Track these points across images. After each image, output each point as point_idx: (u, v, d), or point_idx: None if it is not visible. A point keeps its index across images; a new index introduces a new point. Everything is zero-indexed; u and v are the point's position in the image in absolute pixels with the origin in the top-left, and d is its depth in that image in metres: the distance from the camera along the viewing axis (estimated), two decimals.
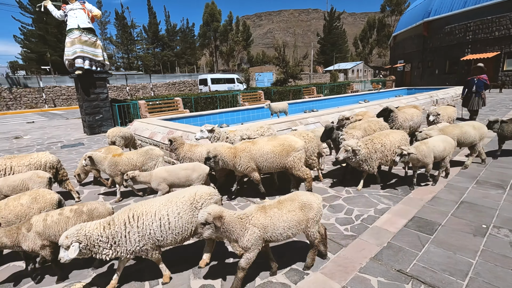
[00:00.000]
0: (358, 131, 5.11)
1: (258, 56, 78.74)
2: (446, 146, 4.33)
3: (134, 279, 2.62)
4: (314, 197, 2.58)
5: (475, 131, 5.04)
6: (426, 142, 4.30)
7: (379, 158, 4.31)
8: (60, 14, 9.62)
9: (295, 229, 2.44)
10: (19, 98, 22.47)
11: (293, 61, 27.01)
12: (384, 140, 4.38)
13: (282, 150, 3.95)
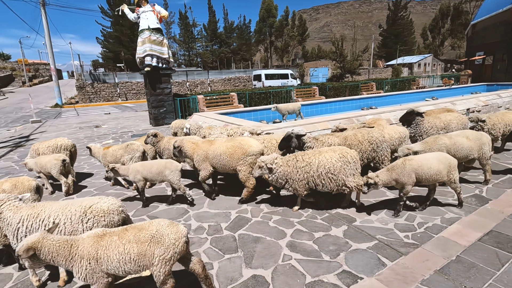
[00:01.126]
0: (336, 139, 4.27)
1: (313, 51, 76.73)
2: (442, 168, 3.39)
3: None
4: (170, 229, 2.08)
5: (470, 142, 4.10)
6: (408, 159, 3.47)
7: (304, 179, 3.57)
8: (134, 16, 10.68)
9: (132, 265, 2.01)
10: (99, 92, 25.71)
11: (351, 56, 25.64)
12: (312, 159, 3.58)
13: (234, 152, 3.93)
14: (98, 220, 2.41)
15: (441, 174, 3.40)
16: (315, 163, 3.55)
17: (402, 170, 3.36)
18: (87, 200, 2.56)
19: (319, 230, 3.25)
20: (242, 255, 2.86)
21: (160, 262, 2.02)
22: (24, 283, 2.63)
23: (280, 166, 3.58)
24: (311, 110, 11.40)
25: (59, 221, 2.36)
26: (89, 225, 2.39)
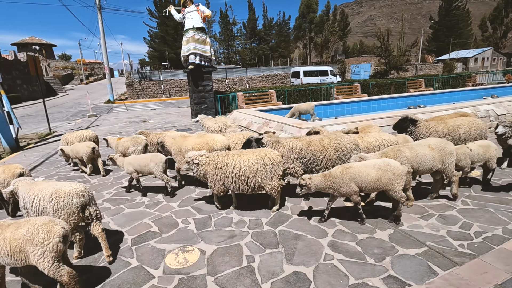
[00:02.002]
0: (299, 143, 4.05)
1: (355, 46, 73.54)
2: (382, 176, 3.10)
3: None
4: (42, 228, 2.13)
5: (433, 152, 3.54)
6: (346, 167, 3.23)
7: (220, 179, 3.58)
8: (180, 17, 11.19)
9: (10, 259, 2.12)
10: (145, 89, 27.44)
11: (398, 51, 24.08)
12: (229, 161, 3.54)
13: (201, 147, 4.42)
14: (58, 201, 2.70)
15: (381, 182, 3.13)
16: (232, 164, 3.54)
17: (340, 179, 3.17)
18: (60, 183, 2.90)
19: (362, 232, 3.15)
20: (283, 251, 2.88)
21: (36, 259, 2.13)
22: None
23: (203, 164, 3.66)
24: (352, 108, 11.00)
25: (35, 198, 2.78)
26: (52, 205, 2.70)
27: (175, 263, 2.77)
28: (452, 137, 4.66)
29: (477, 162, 3.97)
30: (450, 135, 4.66)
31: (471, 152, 3.92)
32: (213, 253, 2.91)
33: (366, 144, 4.26)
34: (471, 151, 3.93)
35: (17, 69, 29.30)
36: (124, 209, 4.04)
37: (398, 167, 3.17)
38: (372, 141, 4.31)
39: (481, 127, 4.70)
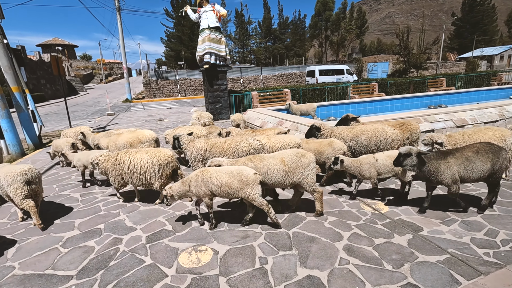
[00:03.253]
0: (204, 144, 4.28)
1: (372, 45, 71.83)
2: (233, 183, 3.10)
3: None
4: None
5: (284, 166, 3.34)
6: (203, 170, 3.30)
7: (119, 174, 3.94)
8: (196, 16, 11.27)
9: None
10: (162, 88, 27.93)
11: (418, 48, 23.28)
12: (126, 159, 3.91)
13: (132, 142, 5.17)
14: (7, 179, 3.45)
15: (232, 189, 3.12)
16: (128, 162, 3.89)
17: (194, 182, 3.25)
18: (14, 166, 3.64)
19: (379, 236, 3.05)
20: (296, 254, 2.83)
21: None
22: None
23: (103, 163, 4.01)
24: (369, 108, 10.73)
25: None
26: (5, 182, 3.46)
27: (188, 262, 2.77)
28: (356, 142, 4.60)
29: (384, 173, 3.75)
30: (354, 140, 4.61)
31: (377, 163, 3.73)
32: (226, 253, 2.90)
33: (270, 145, 4.36)
34: (377, 162, 3.73)
35: (41, 69, 30.56)
36: (139, 206, 4.10)
37: (248, 176, 3.11)
38: (275, 143, 4.36)
39: (389, 135, 4.45)
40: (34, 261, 2.93)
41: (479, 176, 3.19)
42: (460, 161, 3.18)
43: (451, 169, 3.15)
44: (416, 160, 3.20)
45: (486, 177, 3.24)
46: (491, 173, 3.19)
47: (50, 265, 2.84)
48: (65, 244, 3.20)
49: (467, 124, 6.34)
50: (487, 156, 3.16)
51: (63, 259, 2.93)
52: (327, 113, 10.10)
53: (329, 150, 4.30)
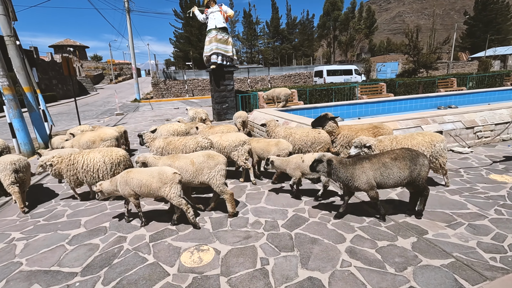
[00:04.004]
0: (161, 143, 4.59)
1: (382, 44, 70.98)
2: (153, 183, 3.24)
3: None
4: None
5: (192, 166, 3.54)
6: (129, 171, 3.45)
7: (74, 174, 4.12)
8: (203, 17, 11.34)
9: None
10: (170, 88, 28.20)
11: (428, 48, 22.87)
12: (79, 159, 4.11)
13: (95, 140, 5.51)
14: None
15: (152, 188, 3.26)
16: (81, 161, 4.09)
17: (119, 182, 3.38)
18: (7, 156, 4.17)
19: (383, 239, 3.01)
20: (298, 255, 2.82)
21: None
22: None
23: (56, 164, 4.12)
24: (377, 109, 10.61)
25: None
26: None
27: (190, 262, 2.79)
28: (287, 140, 4.91)
29: (309, 174, 3.81)
30: (286, 138, 4.99)
31: (302, 163, 3.83)
32: (228, 253, 2.91)
33: (219, 144, 4.73)
34: (303, 162, 3.83)
35: (53, 69, 31.23)
36: (144, 205, 4.15)
37: (167, 175, 3.23)
38: (224, 141, 4.72)
39: (310, 138, 4.75)
40: (40, 257, 2.99)
41: (396, 182, 3.18)
42: (377, 166, 3.17)
43: (367, 174, 3.15)
44: (327, 166, 3.25)
45: (405, 184, 3.24)
46: (410, 180, 3.18)
47: (56, 262, 2.90)
48: (71, 242, 3.27)
49: (477, 125, 6.20)
50: (405, 163, 3.14)
51: (68, 256, 2.99)
52: (334, 113, 10.01)
53: (275, 150, 4.54)
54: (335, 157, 3.31)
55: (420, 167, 3.14)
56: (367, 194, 3.30)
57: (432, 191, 4.07)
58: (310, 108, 10.02)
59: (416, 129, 5.72)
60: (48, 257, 2.99)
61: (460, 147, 5.96)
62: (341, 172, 3.22)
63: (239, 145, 4.69)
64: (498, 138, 6.43)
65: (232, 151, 4.69)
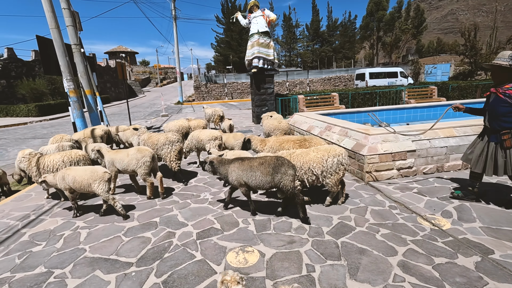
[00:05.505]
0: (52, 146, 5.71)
1: (431, 45, 66.16)
2: (83, 179, 3.80)
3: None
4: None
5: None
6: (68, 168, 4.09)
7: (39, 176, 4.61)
8: (246, 22, 11.59)
9: None
10: (210, 91, 29.22)
11: (488, 48, 20.77)
12: (42, 159, 4.65)
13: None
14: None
15: (82, 184, 3.77)
16: (43, 162, 4.52)
17: (59, 177, 3.90)
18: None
19: (440, 255, 2.78)
20: (345, 264, 2.72)
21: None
22: None
23: (26, 161, 4.58)
24: (427, 114, 9.88)
25: None
26: None
27: (236, 262, 2.85)
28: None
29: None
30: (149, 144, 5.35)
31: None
32: (272, 256, 2.91)
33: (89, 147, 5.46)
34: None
35: (107, 74, 34.21)
36: (190, 204, 4.33)
37: (97, 173, 3.79)
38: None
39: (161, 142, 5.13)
40: (101, 246, 3.27)
41: (259, 184, 3.49)
42: (245, 168, 3.53)
43: (236, 173, 3.58)
44: (211, 166, 3.78)
45: (269, 187, 3.52)
46: (274, 185, 3.44)
47: (114, 251, 3.15)
48: (126, 233, 3.53)
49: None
50: (268, 169, 3.39)
51: (124, 247, 3.22)
52: (379, 117, 9.54)
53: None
54: (216, 158, 3.82)
55: (281, 176, 3.36)
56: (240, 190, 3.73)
57: (497, 206, 3.68)
58: (353, 112, 9.66)
59: (474, 137, 5.20)
60: (107, 246, 3.26)
61: None
62: (220, 170, 3.75)
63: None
64: None
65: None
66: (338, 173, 3.74)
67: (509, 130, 3.30)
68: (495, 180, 4.53)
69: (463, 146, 5.09)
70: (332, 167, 3.69)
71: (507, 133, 3.30)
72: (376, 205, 3.95)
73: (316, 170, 3.72)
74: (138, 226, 3.70)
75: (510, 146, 3.30)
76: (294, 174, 3.42)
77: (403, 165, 4.88)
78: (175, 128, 7.22)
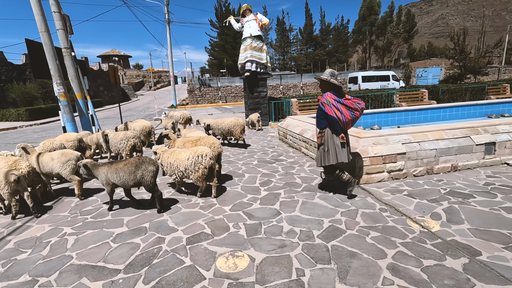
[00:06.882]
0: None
1: (422, 49, 67.34)
2: None
3: None
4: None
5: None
6: None
7: None
8: (239, 26, 11.64)
9: None
10: (204, 95, 29.17)
11: (476, 52, 21.19)
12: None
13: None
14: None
15: None
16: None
17: None
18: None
19: (429, 258, 2.79)
20: (335, 268, 2.71)
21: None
22: None
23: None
24: (418, 117, 10.00)
25: None
26: None
27: (225, 267, 2.82)
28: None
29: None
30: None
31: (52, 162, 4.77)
32: (263, 261, 2.89)
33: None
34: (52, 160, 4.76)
35: (100, 77, 33.92)
36: (181, 208, 4.29)
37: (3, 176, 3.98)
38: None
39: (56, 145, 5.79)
40: (89, 252, 3.21)
41: (125, 182, 4.00)
42: (111, 170, 4.02)
43: (105, 174, 4.06)
44: (85, 169, 4.18)
45: (134, 184, 4.03)
46: (137, 182, 3.98)
47: (102, 258, 3.09)
48: (115, 240, 3.47)
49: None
50: (131, 168, 3.94)
51: (113, 253, 3.17)
52: (370, 121, 9.63)
53: None
54: (90, 161, 4.21)
55: (142, 172, 3.93)
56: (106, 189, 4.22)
57: (485, 207, 3.73)
58: None
59: (464, 140, 5.29)
60: (95, 253, 3.20)
61: None
62: (94, 172, 4.17)
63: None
64: None
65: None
66: (198, 172, 4.28)
67: (321, 131, 4.22)
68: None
69: (452, 148, 5.16)
70: (191, 165, 4.27)
71: (320, 132, 4.26)
72: (367, 208, 3.97)
73: (180, 167, 4.34)
74: (128, 232, 3.64)
75: (320, 143, 4.25)
76: (154, 170, 4.00)
77: (394, 167, 4.92)
78: (139, 128, 8.21)
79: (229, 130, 7.97)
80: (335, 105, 3.98)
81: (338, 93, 4.10)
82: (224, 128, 7.98)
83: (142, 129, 8.27)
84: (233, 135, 8.03)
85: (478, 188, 4.40)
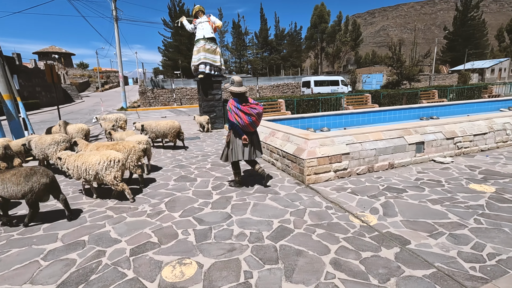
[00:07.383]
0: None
1: (367, 56, 73.31)
2: None
3: None
4: None
5: None
6: None
7: None
8: (192, 27, 11.40)
9: None
10: (158, 97, 27.97)
11: (410, 61, 23.75)
12: None
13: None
14: None
15: None
16: None
17: None
18: None
19: (367, 250, 3.02)
20: (282, 267, 2.78)
21: None
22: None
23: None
24: (362, 119, 10.82)
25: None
26: None
27: (172, 276, 2.71)
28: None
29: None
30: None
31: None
32: (211, 267, 2.84)
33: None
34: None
35: (37, 76, 30.46)
36: (126, 217, 4.03)
37: None
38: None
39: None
40: (12, 274, 2.83)
41: (12, 194, 3.66)
42: None
43: None
44: None
45: (22, 196, 3.67)
46: (25, 193, 3.65)
47: (28, 279, 2.75)
48: (46, 257, 3.12)
49: (457, 136, 6.41)
50: (20, 179, 3.64)
51: (43, 273, 2.84)
52: (320, 123, 10.15)
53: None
54: None
55: (32, 184, 3.66)
56: None
57: (415, 201, 4.15)
58: (297, 118, 10.11)
59: (399, 140, 5.86)
60: (20, 274, 2.83)
61: (441, 157, 6.13)
62: None
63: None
64: (476, 149, 6.67)
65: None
66: (110, 175, 4.36)
67: (229, 131, 4.69)
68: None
69: (389, 148, 5.67)
70: (102, 169, 4.35)
71: (228, 132, 4.71)
72: (315, 207, 4.15)
73: (90, 171, 4.36)
74: (62, 247, 3.30)
75: (227, 142, 4.71)
76: (47, 183, 3.76)
77: (339, 167, 5.24)
78: (74, 131, 7.92)
79: (164, 133, 7.97)
80: (235, 111, 4.45)
81: (241, 99, 4.55)
82: (159, 130, 7.96)
83: (78, 131, 7.91)
84: (168, 137, 8.03)
85: (410, 183, 4.89)
